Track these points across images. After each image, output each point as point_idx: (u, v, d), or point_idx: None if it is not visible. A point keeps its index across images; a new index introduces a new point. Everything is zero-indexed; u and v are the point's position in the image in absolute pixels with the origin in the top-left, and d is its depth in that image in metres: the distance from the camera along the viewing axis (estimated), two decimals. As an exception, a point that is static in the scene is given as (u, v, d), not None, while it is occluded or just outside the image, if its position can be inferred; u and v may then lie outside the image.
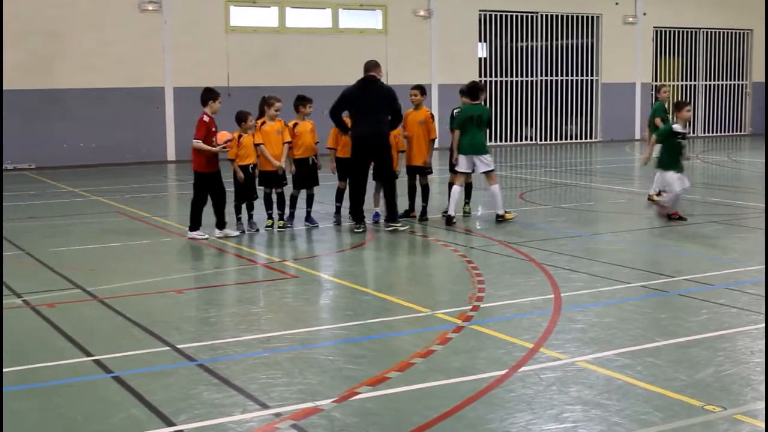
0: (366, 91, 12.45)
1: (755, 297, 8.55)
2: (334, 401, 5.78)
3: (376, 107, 12.41)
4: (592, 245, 11.53)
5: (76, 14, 22.65)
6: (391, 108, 12.51)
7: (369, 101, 12.39)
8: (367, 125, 12.35)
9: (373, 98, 12.41)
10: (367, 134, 12.35)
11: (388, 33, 25.92)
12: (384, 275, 10.24)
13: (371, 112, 12.37)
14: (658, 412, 5.57)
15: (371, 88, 12.49)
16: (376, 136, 12.37)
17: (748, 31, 32.31)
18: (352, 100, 12.52)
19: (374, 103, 12.41)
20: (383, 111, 12.46)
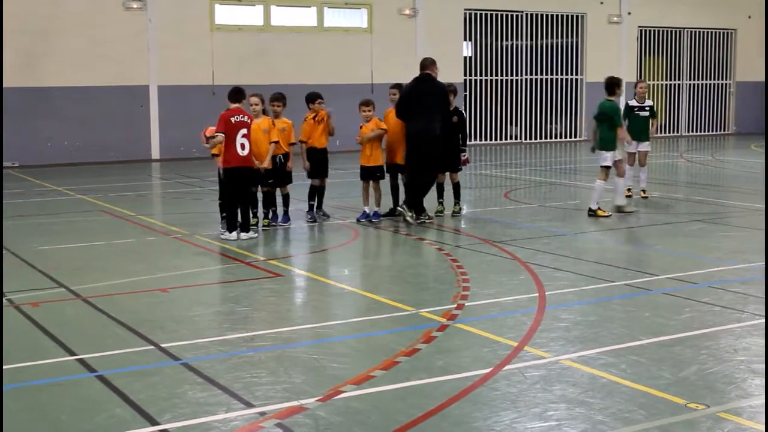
0: (419, 90, 12.83)
1: (739, 295, 8.59)
2: (318, 400, 5.78)
3: (428, 105, 12.74)
4: (577, 244, 11.56)
5: (61, 13, 22.57)
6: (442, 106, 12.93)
7: (421, 99, 12.76)
8: (417, 123, 12.68)
9: (425, 96, 12.77)
10: (415, 132, 12.70)
11: (374, 32, 25.92)
12: (369, 274, 10.23)
13: (422, 110, 12.71)
14: (642, 411, 5.59)
15: (424, 86, 12.84)
16: (422, 134, 12.67)
17: (731, 31, 32.44)
18: (408, 98, 12.87)
19: (426, 101, 12.75)
20: (435, 109, 12.80)
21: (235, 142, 11.62)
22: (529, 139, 29.13)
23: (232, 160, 11.68)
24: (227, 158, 11.69)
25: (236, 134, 11.61)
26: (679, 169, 22.11)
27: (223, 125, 11.59)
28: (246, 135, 11.69)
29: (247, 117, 11.83)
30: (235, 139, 11.61)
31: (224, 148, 11.65)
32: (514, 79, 28.87)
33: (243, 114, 11.78)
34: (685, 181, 19.15)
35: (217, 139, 11.63)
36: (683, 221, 13.25)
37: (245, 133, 11.68)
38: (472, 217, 14.05)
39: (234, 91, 11.98)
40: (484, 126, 28.53)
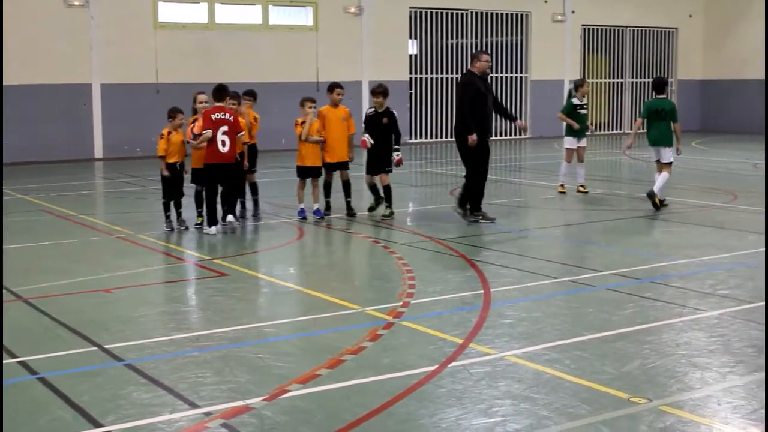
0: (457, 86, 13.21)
1: (680, 290, 8.71)
2: (264, 399, 5.76)
3: (457, 104, 13.03)
4: (522, 241, 11.64)
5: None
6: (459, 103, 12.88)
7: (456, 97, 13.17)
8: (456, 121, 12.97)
9: (456, 94, 13.12)
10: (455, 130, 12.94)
11: (319, 30, 25.86)
12: (314, 272, 10.21)
13: (457, 109, 12.97)
14: (586, 405, 5.65)
15: (458, 83, 13.23)
16: (456, 133, 12.82)
17: (673, 30, 32.86)
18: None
19: (457, 99, 13.07)
20: (458, 108, 12.87)
21: (216, 139, 11.79)
22: (474, 136, 29.27)
23: (212, 157, 11.84)
24: (208, 155, 11.85)
25: (217, 131, 11.79)
26: (622, 166, 22.35)
27: (208, 123, 11.78)
28: (227, 132, 11.85)
29: (229, 114, 11.98)
30: (216, 136, 11.79)
31: (207, 145, 11.83)
32: (459, 77, 28.96)
33: (225, 111, 11.94)
34: (628, 178, 19.37)
35: (204, 136, 11.78)
36: (626, 217, 13.40)
37: (226, 131, 11.84)
38: (418, 214, 14.10)
39: (216, 89, 12.16)
40: (429, 124, 28.60)
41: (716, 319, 7.67)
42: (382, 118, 13.05)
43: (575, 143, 16.17)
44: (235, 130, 11.97)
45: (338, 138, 13.09)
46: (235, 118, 12.06)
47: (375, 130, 13.05)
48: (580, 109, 16.13)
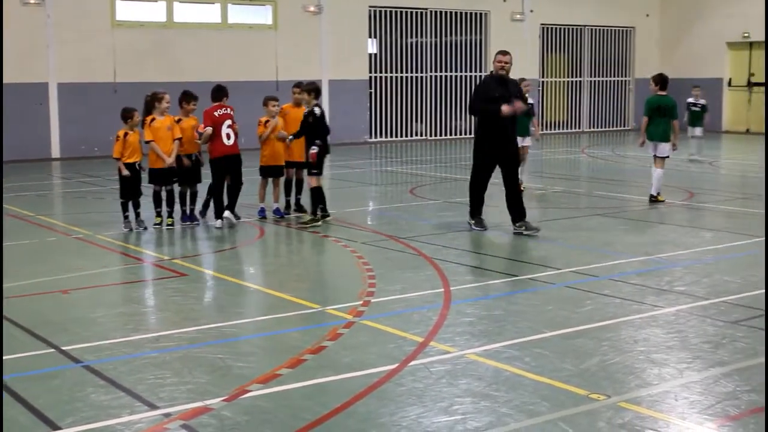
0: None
1: (637, 287, 8.79)
2: (224, 400, 5.74)
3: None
4: (482, 239, 11.68)
5: (-46, 7, 21.93)
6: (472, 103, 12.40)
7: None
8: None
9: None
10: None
11: (278, 28, 25.78)
12: (274, 272, 10.19)
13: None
14: (546, 402, 5.69)
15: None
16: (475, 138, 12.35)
17: (630, 29, 33.11)
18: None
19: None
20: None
21: (221, 133, 12.29)
22: (434, 135, 29.31)
23: (218, 151, 12.35)
24: (214, 149, 12.37)
25: (221, 126, 12.30)
26: (580, 164, 22.51)
27: (210, 120, 12.28)
28: (231, 126, 12.39)
29: (230, 110, 12.53)
30: (220, 131, 12.29)
31: (211, 139, 12.31)
32: (419, 76, 29.01)
33: (225, 107, 12.50)
34: (586, 176, 19.51)
35: (206, 133, 12.26)
36: (585, 215, 13.50)
37: (230, 124, 12.38)
38: (378, 213, 14.10)
39: (214, 89, 12.69)
40: (389, 123, 28.61)
41: (673, 316, 7.75)
42: (308, 117, 12.89)
43: (520, 142, 16.08)
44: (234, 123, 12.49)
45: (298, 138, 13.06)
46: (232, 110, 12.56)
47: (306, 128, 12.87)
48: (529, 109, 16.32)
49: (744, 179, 19.11)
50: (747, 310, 7.90)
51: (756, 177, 19.46)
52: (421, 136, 29.08)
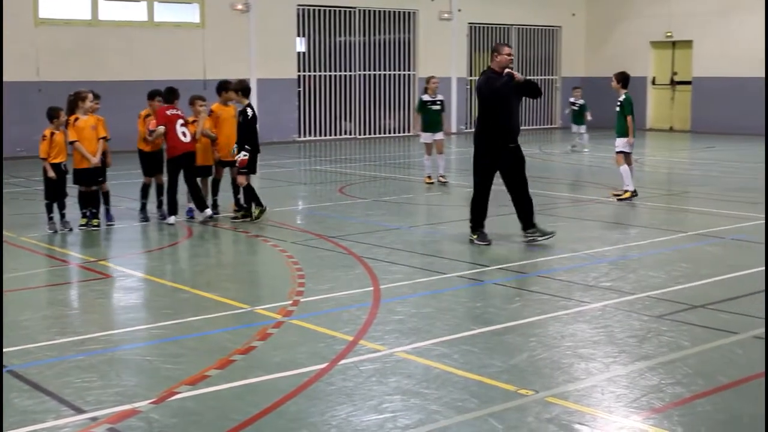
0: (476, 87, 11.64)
1: (564, 283, 8.90)
2: (152, 402, 5.68)
3: (478, 104, 11.49)
4: (411, 237, 11.72)
5: None
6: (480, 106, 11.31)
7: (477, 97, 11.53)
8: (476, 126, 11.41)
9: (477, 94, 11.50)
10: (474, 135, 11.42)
11: (206, 27, 25.56)
12: (202, 272, 10.10)
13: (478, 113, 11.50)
14: (475, 399, 5.73)
15: (477, 82, 11.55)
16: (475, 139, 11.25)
17: (557, 28, 33.48)
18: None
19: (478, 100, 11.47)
20: (481, 108, 11.23)
21: (175, 131, 12.42)
22: (363, 134, 29.32)
23: (174, 150, 12.48)
24: (171, 147, 12.50)
25: (175, 124, 12.42)
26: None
27: (163, 118, 12.41)
28: (184, 124, 12.52)
29: (180, 111, 12.65)
30: (174, 128, 12.42)
31: (167, 138, 12.46)
32: (347, 75, 28.99)
33: (176, 109, 12.63)
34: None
35: (158, 131, 12.42)
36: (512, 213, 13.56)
37: (183, 123, 12.51)
38: (308, 212, 14.07)
39: (168, 92, 12.76)
40: (318, 121, 28.55)
41: (600, 311, 7.86)
42: (238, 117, 12.84)
43: (431, 138, 16.82)
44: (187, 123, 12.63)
45: (229, 135, 12.97)
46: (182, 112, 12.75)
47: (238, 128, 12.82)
48: (432, 105, 16.76)
49: (669, 176, 19.45)
50: (671, 305, 8.05)
51: (681, 174, 19.84)
52: (350, 134, 29.07)
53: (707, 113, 29.97)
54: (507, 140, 10.94)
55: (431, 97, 16.86)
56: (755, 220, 12.48)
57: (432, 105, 16.84)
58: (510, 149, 10.99)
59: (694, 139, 28.57)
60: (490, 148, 10.93)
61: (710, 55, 29.83)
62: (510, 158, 11.02)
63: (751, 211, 13.27)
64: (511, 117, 10.94)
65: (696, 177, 18.60)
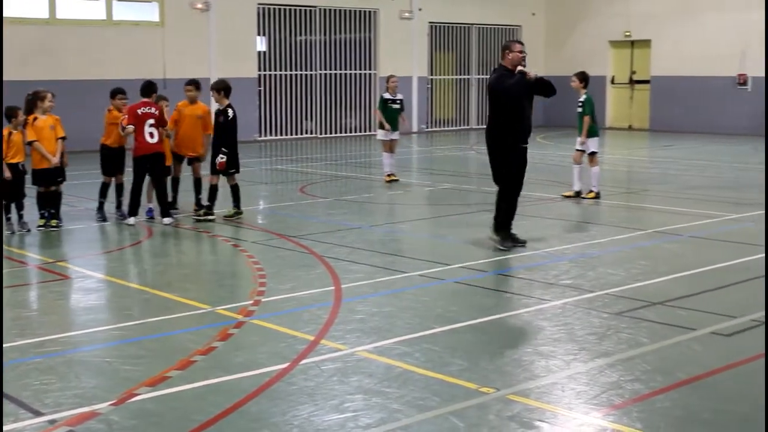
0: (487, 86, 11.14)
1: (525, 281, 8.95)
2: (111, 404, 5.63)
3: (489, 103, 10.94)
4: (372, 236, 11.72)
5: None
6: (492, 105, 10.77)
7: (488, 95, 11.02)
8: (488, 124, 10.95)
9: (488, 92, 11.02)
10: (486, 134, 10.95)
11: (165, 25, 25.41)
12: (163, 273, 10.04)
13: (489, 110, 10.95)
14: (436, 397, 5.74)
15: (488, 81, 11.03)
16: (485, 138, 10.94)
17: (517, 28, 33.63)
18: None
19: (489, 98, 10.94)
20: (493, 107, 10.73)
21: (143, 131, 12.32)
22: (323, 133, 29.29)
23: (141, 149, 12.37)
24: (137, 147, 12.40)
25: (144, 125, 12.31)
26: (469, 162, 22.77)
27: (133, 117, 12.30)
28: (153, 125, 12.39)
29: (155, 108, 12.52)
30: (143, 129, 12.31)
31: (134, 137, 12.37)
32: (308, 74, 28.94)
33: (150, 106, 12.50)
34: (475, 173, 19.73)
35: (128, 130, 12.34)
36: (473, 211, 13.66)
37: (153, 123, 12.38)
38: (269, 212, 14.03)
39: (145, 86, 12.76)
40: (279, 121, 28.48)
41: (560, 309, 7.91)
42: (218, 117, 12.80)
43: (387, 136, 17.04)
44: (160, 123, 12.51)
45: (190, 133, 12.94)
46: (161, 112, 12.65)
47: (215, 128, 12.81)
48: (392, 104, 17.04)
49: (628, 174, 19.61)
50: (630, 302, 8.12)
51: (640, 172, 20.01)
52: (311, 134, 29.03)
53: (665, 112, 30.27)
54: (518, 140, 10.56)
55: (392, 95, 17.07)
56: (712, 218, 12.62)
57: (392, 103, 17.04)
58: (520, 150, 10.61)
59: (652, 137, 28.83)
60: (501, 147, 10.56)
61: (668, 55, 30.13)
62: (517, 159, 10.64)
63: (707, 208, 13.44)
64: (523, 116, 10.56)
65: (654, 175, 18.77)
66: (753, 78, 28.27)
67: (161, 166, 12.62)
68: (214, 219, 12.58)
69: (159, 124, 12.49)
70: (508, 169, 10.59)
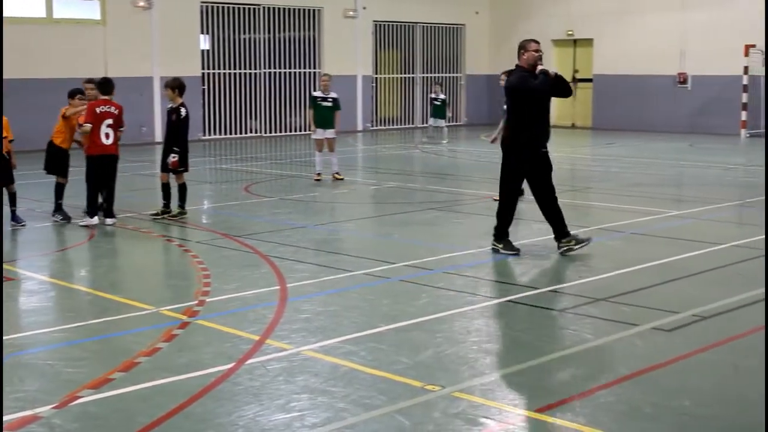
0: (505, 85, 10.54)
1: (470, 279, 8.99)
2: (54, 407, 5.56)
3: (507, 104, 10.47)
4: (317, 235, 11.71)
5: None
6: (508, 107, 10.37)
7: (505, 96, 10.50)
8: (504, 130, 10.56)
9: (506, 93, 10.46)
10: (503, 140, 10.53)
11: (107, 24, 25.13)
12: (106, 273, 9.93)
13: (507, 111, 10.49)
14: (382, 396, 5.75)
15: (507, 81, 10.50)
16: (502, 139, 10.61)
17: (461, 26, 33.79)
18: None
19: (507, 99, 10.48)
20: (513, 109, 10.24)
21: (99, 131, 12.11)
22: (268, 132, 29.17)
23: (95, 149, 12.18)
24: (91, 146, 12.19)
25: (101, 124, 12.11)
26: (414, 160, 22.82)
27: (91, 116, 12.09)
28: (111, 125, 12.21)
29: (115, 107, 12.30)
30: (99, 128, 12.10)
31: (90, 135, 12.13)
32: (252, 73, 28.81)
33: (110, 105, 12.27)
34: (420, 171, 19.80)
35: (84, 128, 12.10)
36: (418, 210, 13.69)
37: (110, 123, 12.19)
38: (213, 212, 13.95)
39: (103, 83, 12.43)
40: (223, 120, 28.31)
41: (505, 306, 7.97)
42: (171, 115, 12.73)
43: (322, 134, 17.08)
44: (119, 124, 12.34)
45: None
46: (120, 112, 12.38)
47: (167, 126, 12.75)
48: (323, 102, 17.08)
49: (572, 172, 19.78)
50: (574, 298, 8.20)
51: (583, 170, 20.22)
52: (255, 133, 28.90)
53: (608, 110, 30.62)
54: (540, 144, 10.17)
55: (323, 93, 17.11)
56: (654, 215, 12.80)
57: (323, 102, 17.05)
58: (541, 154, 10.18)
59: (595, 135, 29.14)
60: (522, 152, 10.12)
61: (610, 54, 30.48)
62: (539, 164, 10.19)
63: (649, 205, 13.62)
64: (544, 118, 10.21)
65: (597, 173, 18.99)
66: (692, 77, 28.72)
67: (113, 168, 12.43)
68: (171, 213, 12.67)
69: (116, 124, 12.30)
70: (519, 166, 10.19)
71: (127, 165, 16.23)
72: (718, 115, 27.68)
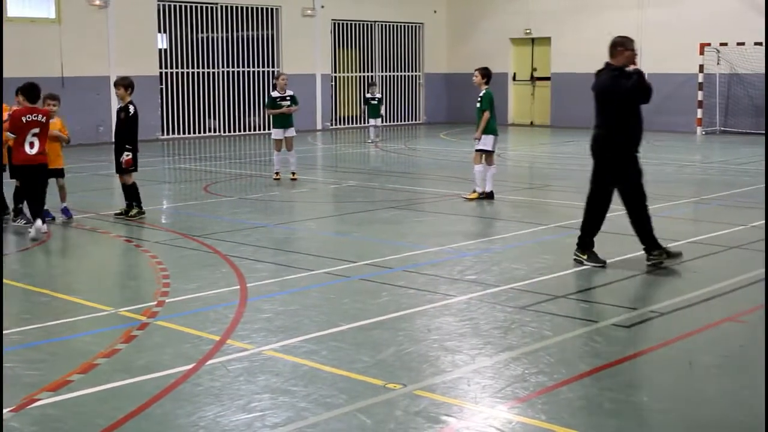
0: (594, 85, 9.70)
1: (430, 277, 9.01)
2: (11, 411, 5.49)
3: (599, 105, 9.64)
4: (277, 235, 11.68)
5: None
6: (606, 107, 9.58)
7: (595, 97, 9.67)
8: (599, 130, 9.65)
9: (596, 93, 9.63)
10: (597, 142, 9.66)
11: (62, 22, 24.88)
12: (63, 275, 9.84)
13: (597, 112, 9.69)
14: (343, 395, 5.74)
15: (597, 81, 9.67)
16: (592, 142, 9.69)
17: (419, 25, 33.85)
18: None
19: (597, 100, 9.65)
20: (605, 110, 9.56)
21: (24, 141, 11.37)
22: (227, 131, 29.06)
23: (20, 159, 11.48)
24: (15, 156, 11.55)
25: (27, 134, 11.37)
26: (373, 158, 22.83)
27: (16, 125, 11.34)
28: (37, 134, 11.44)
29: (41, 115, 11.53)
30: (24, 138, 11.36)
31: (14, 145, 11.49)
32: (211, 72, 28.68)
33: (37, 113, 11.50)
34: (379, 170, 19.80)
35: (6, 137, 11.41)
36: (379, 208, 13.69)
37: (36, 132, 11.43)
38: (172, 212, 13.86)
39: (28, 89, 11.70)
40: (181, 119, 28.16)
41: (465, 304, 7.98)
42: (120, 114, 12.62)
43: (282, 134, 17.06)
44: (47, 132, 11.60)
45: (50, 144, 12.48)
46: (48, 119, 11.63)
47: (117, 125, 12.65)
48: (281, 101, 17.11)
49: (531, 170, 19.91)
50: (534, 296, 8.24)
51: (541, 167, 20.33)
52: (214, 132, 28.78)
53: (566, 108, 30.80)
54: (635, 148, 9.54)
55: (280, 93, 17.13)
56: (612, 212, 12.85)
57: (282, 101, 17.08)
58: (635, 158, 9.55)
59: (553, 133, 29.33)
60: (617, 156, 9.52)
61: (567, 52, 30.66)
62: (631, 168, 9.55)
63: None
64: (640, 119, 9.58)
65: (556, 171, 19.10)
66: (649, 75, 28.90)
67: (41, 177, 11.64)
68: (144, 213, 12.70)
69: (43, 133, 11.54)
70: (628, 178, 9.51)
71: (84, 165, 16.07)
72: (674, 112, 27.95)
